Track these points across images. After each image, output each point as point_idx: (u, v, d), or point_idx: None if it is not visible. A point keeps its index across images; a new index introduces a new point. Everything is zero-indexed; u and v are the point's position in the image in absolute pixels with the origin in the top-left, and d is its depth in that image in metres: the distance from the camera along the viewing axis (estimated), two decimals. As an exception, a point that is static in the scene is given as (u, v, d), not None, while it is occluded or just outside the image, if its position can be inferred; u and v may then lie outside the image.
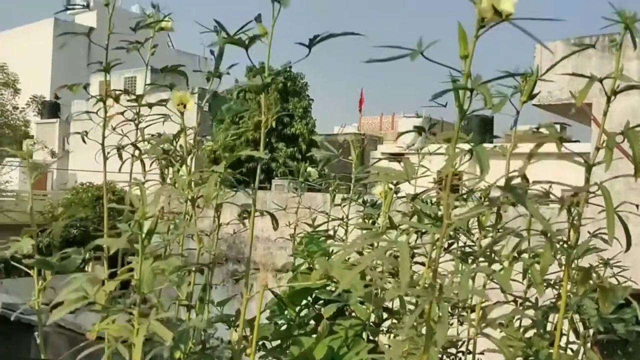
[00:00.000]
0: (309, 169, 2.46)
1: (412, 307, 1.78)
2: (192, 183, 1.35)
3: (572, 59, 9.50)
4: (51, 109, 29.35)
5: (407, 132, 1.72)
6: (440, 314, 0.94)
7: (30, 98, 27.82)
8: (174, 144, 1.45)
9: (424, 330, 1.18)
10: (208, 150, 2.09)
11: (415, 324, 1.64)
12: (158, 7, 1.75)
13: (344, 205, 2.22)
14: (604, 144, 0.93)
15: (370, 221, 2.15)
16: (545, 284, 1.55)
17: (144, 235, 1.18)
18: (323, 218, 2.34)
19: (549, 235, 1.00)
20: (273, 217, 1.50)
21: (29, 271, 1.53)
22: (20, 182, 23.36)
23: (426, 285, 1.26)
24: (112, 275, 1.62)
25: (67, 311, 1.22)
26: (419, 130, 1.20)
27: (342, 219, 2.21)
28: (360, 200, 2.18)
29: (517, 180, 1.31)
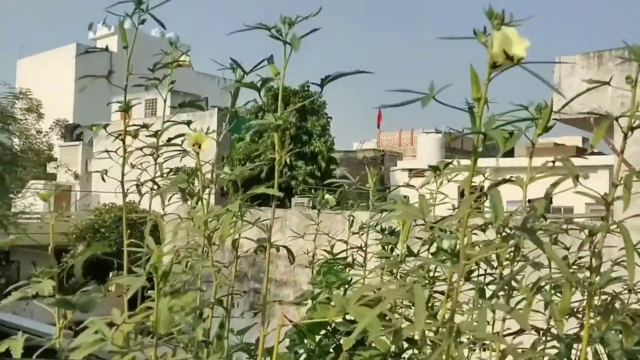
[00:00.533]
0: (327, 196, 2.46)
1: (432, 337, 1.76)
2: (208, 220, 1.35)
3: (592, 72, 9.41)
4: (73, 132, 29.89)
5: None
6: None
7: (54, 122, 28.36)
8: (190, 181, 1.47)
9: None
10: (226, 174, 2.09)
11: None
12: (175, 44, 1.78)
13: (362, 234, 2.21)
14: (622, 182, 0.91)
15: (389, 248, 2.14)
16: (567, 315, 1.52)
17: (159, 277, 1.19)
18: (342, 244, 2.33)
19: (567, 276, 0.98)
20: (289, 252, 1.50)
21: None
22: (44, 205, 23.72)
23: (445, 321, 1.24)
24: (131, 302, 1.63)
25: (84, 354, 1.22)
26: (434, 169, 1.19)
27: (360, 247, 2.20)
28: (378, 228, 2.16)
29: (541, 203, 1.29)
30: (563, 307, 1.00)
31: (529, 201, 1.30)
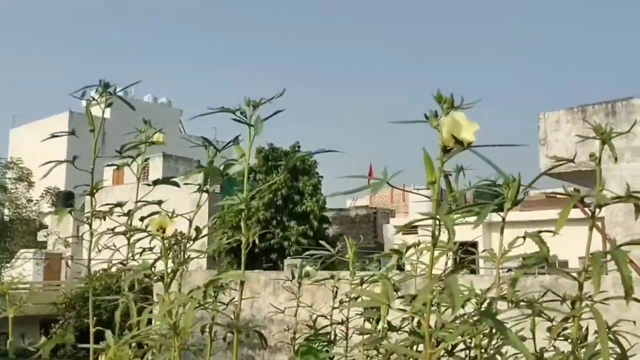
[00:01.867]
0: (307, 267, 2.40)
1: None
2: (175, 311, 1.30)
3: (577, 125, 9.54)
4: (65, 199, 29.79)
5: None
6: None
7: (45, 190, 28.28)
8: (153, 270, 1.41)
9: None
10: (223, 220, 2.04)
11: None
12: (150, 122, 1.78)
13: (342, 309, 2.14)
14: (589, 267, 0.88)
15: (372, 322, 2.07)
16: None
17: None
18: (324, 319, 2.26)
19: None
20: (261, 336, 1.43)
21: None
22: (34, 274, 23.34)
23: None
24: None
25: None
26: (396, 252, 1.14)
27: (342, 322, 2.13)
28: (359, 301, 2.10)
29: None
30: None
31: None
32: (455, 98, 0.82)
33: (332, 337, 2.11)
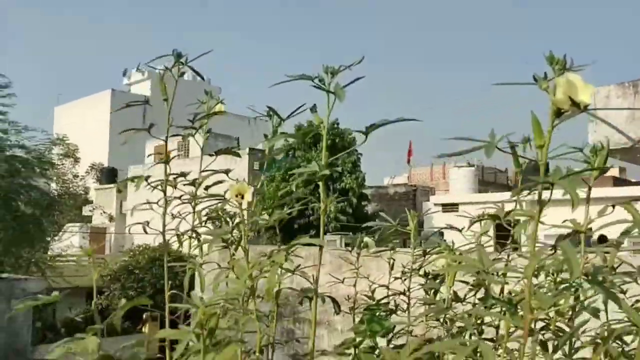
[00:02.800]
0: (366, 239, 2.40)
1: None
2: (252, 272, 1.32)
3: (628, 101, 9.24)
4: (109, 175, 30.52)
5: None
6: None
7: (90, 166, 29.03)
8: (232, 233, 1.43)
9: None
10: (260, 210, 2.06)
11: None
12: (211, 94, 1.78)
13: (405, 279, 2.14)
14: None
15: (433, 293, 2.06)
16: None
17: (205, 335, 1.15)
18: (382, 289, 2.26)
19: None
20: (335, 302, 1.44)
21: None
22: (80, 248, 24.08)
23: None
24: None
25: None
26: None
27: (403, 292, 2.13)
28: (421, 272, 2.10)
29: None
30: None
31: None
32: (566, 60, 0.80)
33: (394, 307, 2.11)
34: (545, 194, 1.00)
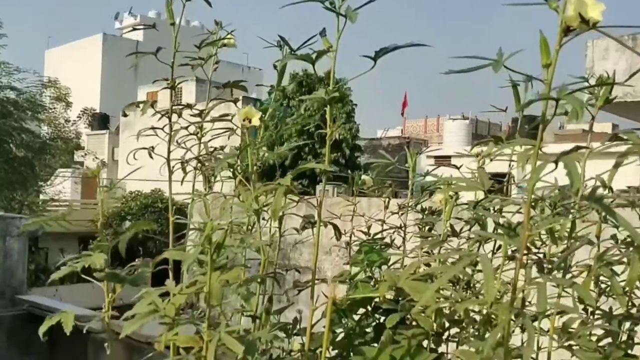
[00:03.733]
0: (364, 176, 2.45)
1: (474, 316, 1.74)
2: (258, 197, 1.35)
3: (626, 55, 9.20)
4: (101, 121, 30.27)
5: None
6: (527, 332, 0.91)
7: (81, 111, 28.73)
8: (239, 158, 1.46)
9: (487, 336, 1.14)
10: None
11: (481, 332, 1.60)
12: (221, 24, 1.78)
13: (402, 214, 2.19)
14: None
15: (428, 229, 2.12)
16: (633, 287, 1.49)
17: (213, 249, 1.19)
18: (377, 226, 2.32)
19: (637, 245, 0.96)
20: (336, 228, 1.49)
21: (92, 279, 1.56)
22: (72, 192, 24.12)
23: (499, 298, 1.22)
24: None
25: (140, 324, 1.23)
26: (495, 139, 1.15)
27: (400, 227, 2.18)
28: (418, 208, 2.15)
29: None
30: (631, 278, 0.97)
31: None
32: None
33: (389, 242, 2.17)
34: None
